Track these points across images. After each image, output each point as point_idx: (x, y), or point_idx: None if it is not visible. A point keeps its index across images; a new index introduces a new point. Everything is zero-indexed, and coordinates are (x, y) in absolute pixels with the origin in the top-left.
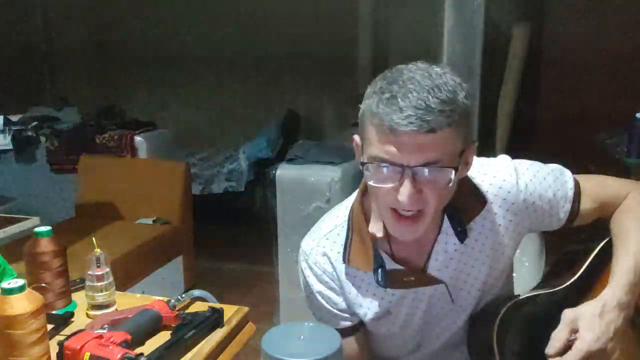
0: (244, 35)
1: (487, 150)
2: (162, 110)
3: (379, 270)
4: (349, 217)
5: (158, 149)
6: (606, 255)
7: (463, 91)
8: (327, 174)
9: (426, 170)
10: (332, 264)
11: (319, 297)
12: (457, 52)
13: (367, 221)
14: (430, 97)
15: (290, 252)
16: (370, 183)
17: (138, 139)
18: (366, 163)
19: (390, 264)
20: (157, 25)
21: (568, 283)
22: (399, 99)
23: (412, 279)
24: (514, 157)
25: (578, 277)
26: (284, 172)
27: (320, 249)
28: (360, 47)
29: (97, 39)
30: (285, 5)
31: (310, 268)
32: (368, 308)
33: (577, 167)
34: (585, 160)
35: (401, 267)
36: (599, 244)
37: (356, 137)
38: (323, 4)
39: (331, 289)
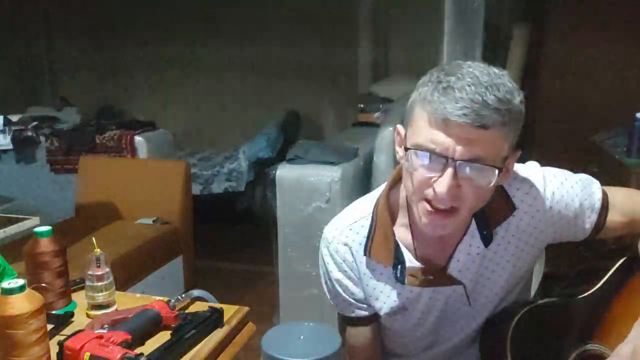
0: (244, 35)
1: None
2: (162, 110)
3: (399, 266)
4: (374, 210)
5: (158, 149)
6: (626, 272)
7: (520, 96)
8: (327, 174)
9: (468, 168)
10: (352, 254)
11: (337, 285)
12: (457, 52)
13: (392, 216)
14: (487, 93)
15: (290, 252)
16: (410, 170)
17: (138, 139)
18: (410, 149)
19: (410, 261)
20: (157, 25)
21: (586, 294)
22: (456, 90)
23: (431, 277)
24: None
25: (596, 290)
26: (284, 172)
27: (342, 238)
28: (361, 47)
29: (97, 39)
30: (286, 6)
31: (331, 255)
32: (384, 302)
33: (577, 167)
34: (585, 160)
35: (421, 265)
36: (618, 260)
37: (399, 127)
38: (323, 4)
39: (349, 278)
